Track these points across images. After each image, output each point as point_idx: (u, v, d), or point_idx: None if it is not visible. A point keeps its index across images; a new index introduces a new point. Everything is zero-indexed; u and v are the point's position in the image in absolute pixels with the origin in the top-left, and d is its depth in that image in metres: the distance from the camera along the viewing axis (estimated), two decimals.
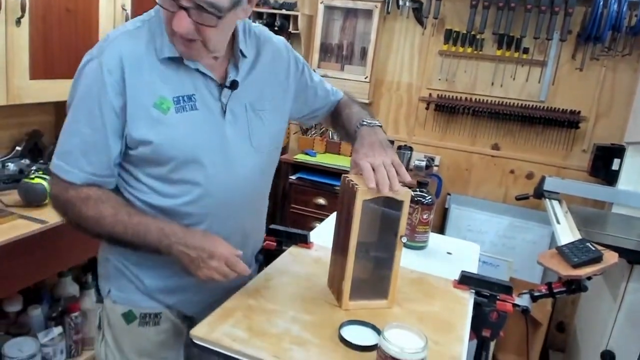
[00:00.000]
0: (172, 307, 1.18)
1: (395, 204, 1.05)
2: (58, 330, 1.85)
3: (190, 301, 1.18)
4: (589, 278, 1.49)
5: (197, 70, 1.04)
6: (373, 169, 1.03)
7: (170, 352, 1.22)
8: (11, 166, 1.85)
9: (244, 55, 1.11)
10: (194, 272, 1.02)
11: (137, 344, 1.17)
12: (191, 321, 1.21)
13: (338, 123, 1.34)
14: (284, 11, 3.10)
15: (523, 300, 1.51)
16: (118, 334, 1.17)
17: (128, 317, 1.15)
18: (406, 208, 1.05)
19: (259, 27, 1.20)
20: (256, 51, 1.15)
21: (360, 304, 1.08)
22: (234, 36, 1.08)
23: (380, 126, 1.19)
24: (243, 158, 1.11)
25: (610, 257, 1.52)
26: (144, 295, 1.15)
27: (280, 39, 1.24)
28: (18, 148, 2.00)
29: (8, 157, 1.95)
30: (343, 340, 0.94)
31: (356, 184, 1.03)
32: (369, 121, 1.19)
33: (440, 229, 3.04)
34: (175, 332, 1.21)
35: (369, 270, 1.13)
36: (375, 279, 1.12)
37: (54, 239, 1.64)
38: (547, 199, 2.50)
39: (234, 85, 1.08)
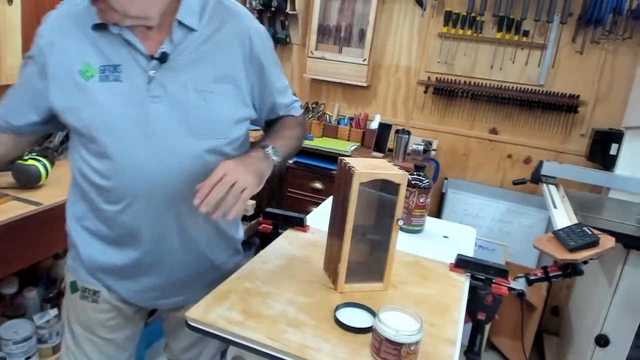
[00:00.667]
0: (112, 290, 1.18)
1: (392, 187, 1.04)
2: (54, 312, 1.85)
3: (127, 287, 1.17)
4: (585, 262, 1.50)
5: (123, 38, 1.01)
6: (219, 180, 0.93)
7: (116, 335, 1.23)
8: None
9: (189, 28, 1.03)
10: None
11: (80, 316, 1.21)
12: (148, 313, 1.26)
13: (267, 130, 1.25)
14: None
15: (519, 284, 1.52)
16: (67, 303, 1.25)
17: (72, 286, 1.21)
18: (403, 191, 1.04)
19: (234, 4, 1.12)
20: (217, 26, 1.06)
21: (356, 287, 1.08)
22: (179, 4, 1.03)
23: (275, 164, 1.06)
24: (172, 139, 1.03)
25: (607, 241, 1.53)
26: (84, 269, 1.18)
27: (259, 26, 1.15)
28: None
29: None
30: (338, 322, 0.94)
31: (353, 167, 1.02)
32: (272, 149, 1.07)
33: (437, 213, 3.04)
34: (121, 315, 1.22)
35: (365, 253, 1.12)
36: (371, 261, 1.12)
37: (49, 221, 1.63)
38: (544, 184, 2.50)
39: (163, 57, 1.01)
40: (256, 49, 1.11)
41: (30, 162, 1.69)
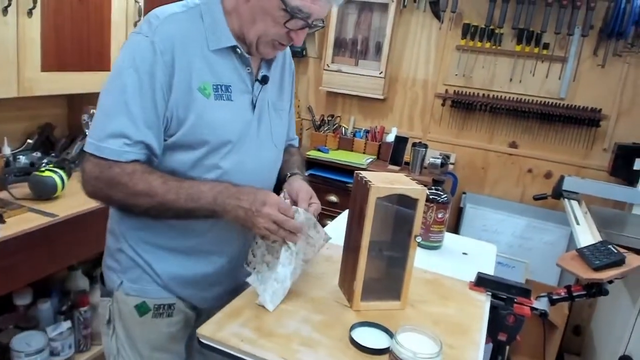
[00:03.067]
0: (185, 299, 1.17)
1: (410, 203, 1.01)
2: (67, 324, 1.84)
3: (203, 296, 1.18)
4: (610, 282, 1.44)
5: (243, 60, 1.08)
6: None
7: (180, 346, 1.21)
8: (22, 159, 1.85)
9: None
10: (251, 227, 1.01)
11: (150, 336, 1.16)
12: (199, 314, 1.21)
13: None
14: None
15: (541, 304, 1.46)
16: (130, 327, 1.15)
17: (141, 308, 1.14)
18: (421, 206, 1.01)
19: None
20: (283, 51, 1.21)
21: (372, 305, 1.04)
22: None
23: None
24: (266, 152, 1.16)
25: (634, 260, 1.47)
26: (158, 286, 1.14)
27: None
28: (30, 141, 1.99)
29: (20, 149, 1.94)
30: (354, 342, 0.91)
31: (369, 181, 0.99)
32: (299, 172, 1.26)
33: (455, 229, 2.99)
34: (186, 323, 1.20)
35: (382, 270, 1.09)
36: (388, 279, 1.09)
37: (63, 233, 1.63)
38: (566, 199, 2.44)
39: (264, 80, 1.12)
40: (292, 78, 1.29)
41: (47, 173, 1.69)
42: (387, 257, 1.09)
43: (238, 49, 1.06)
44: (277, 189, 1.23)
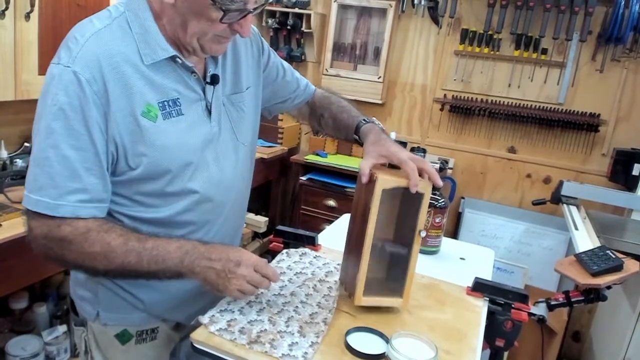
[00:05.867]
0: (169, 320, 1.12)
1: (414, 198, 0.99)
2: (63, 328, 1.84)
3: (188, 314, 1.11)
4: (609, 287, 1.44)
5: (186, 68, 0.96)
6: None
7: None
8: (19, 162, 1.85)
9: None
10: (223, 290, 0.90)
11: None
12: (183, 327, 1.16)
13: (329, 114, 1.30)
14: (296, 10, 3.06)
15: (539, 309, 1.46)
16: (111, 356, 1.09)
17: (123, 337, 1.08)
18: (426, 201, 1.00)
19: None
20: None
21: (374, 300, 1.03)
22: None
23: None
24: (231, 154, 1.06)
25: (632, 266, 1.47)
26: (141, 312, 1.07)
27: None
28: (27, 144, 1.99)
29: (16, 153, 1.94)
30: (349, 347, 0.90)
31: (375, 173, 0.98)
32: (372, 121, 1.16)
33: (454, 234, 2.98)
34: (169, 342, 1.16)
35: (384, 268, 1.08)
36: (390, 276, 1.08)
37: None
38: (564, 205, 2.44)
39: (214, 79, 1.01)
40: (260, 46, 1.16)
41: None
42: (390, 254, 1.08)
43: (178, 59, 0.93)
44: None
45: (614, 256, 1.48)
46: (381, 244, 1.05)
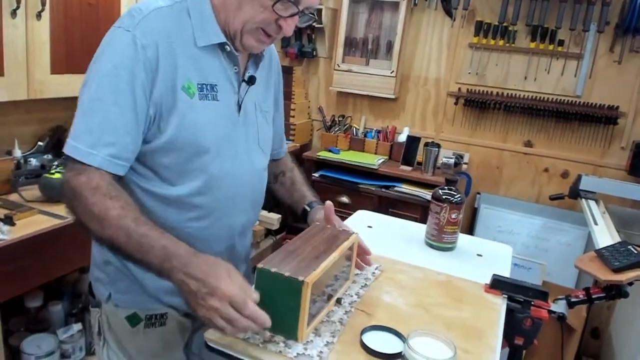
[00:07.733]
0: (177, 308, 1.12)
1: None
2: (78, 326, 1.84)
3: None
4: (631, 283, 1.40)
5: (231, 59, 1.03)
6: None
7: (178, 352, 1.16)
8: (33, 161, 1.85)
9: (262, 53, 1.10)
10: (192, 308, 0.84)
11: (144, 346, 1.12)
12: (195, 318, 1.14)
13: (291, 176, 1.35)
14: None
15: (559, 307, 1.43)
16: (122, 338, 1.11)
17: (132, 320, 1.10)
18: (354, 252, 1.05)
19: None
20: (269, 51, 1.17)
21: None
22: None
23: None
24: (251, 156, 1.11)
25: None
26: (149, 297, 1.09)
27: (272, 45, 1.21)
28: (40, 143, 2.00)
29: (30, 152, 1.95)
30: (365, 346, 0.88)
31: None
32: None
33: (469, 230, 2.94)
34: (182, 329, 1.16)
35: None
36: None
37: (74, 235, 1.62)
38: (583, 199, 2.39)
39: (252, 80, 1.08)
40: (279, 78, 1.25)
41: (57, 175, 1.69)
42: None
43: (227, 46, 1.01)
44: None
45: (635, 251, 1.44)
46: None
